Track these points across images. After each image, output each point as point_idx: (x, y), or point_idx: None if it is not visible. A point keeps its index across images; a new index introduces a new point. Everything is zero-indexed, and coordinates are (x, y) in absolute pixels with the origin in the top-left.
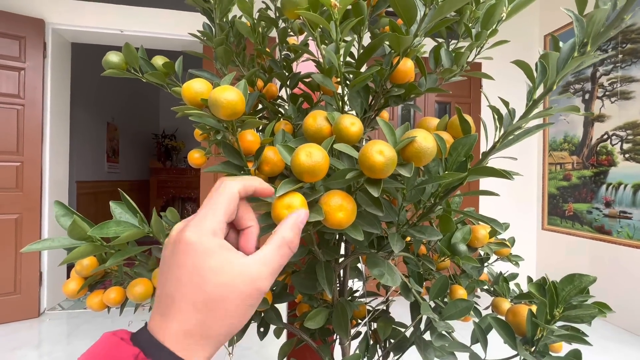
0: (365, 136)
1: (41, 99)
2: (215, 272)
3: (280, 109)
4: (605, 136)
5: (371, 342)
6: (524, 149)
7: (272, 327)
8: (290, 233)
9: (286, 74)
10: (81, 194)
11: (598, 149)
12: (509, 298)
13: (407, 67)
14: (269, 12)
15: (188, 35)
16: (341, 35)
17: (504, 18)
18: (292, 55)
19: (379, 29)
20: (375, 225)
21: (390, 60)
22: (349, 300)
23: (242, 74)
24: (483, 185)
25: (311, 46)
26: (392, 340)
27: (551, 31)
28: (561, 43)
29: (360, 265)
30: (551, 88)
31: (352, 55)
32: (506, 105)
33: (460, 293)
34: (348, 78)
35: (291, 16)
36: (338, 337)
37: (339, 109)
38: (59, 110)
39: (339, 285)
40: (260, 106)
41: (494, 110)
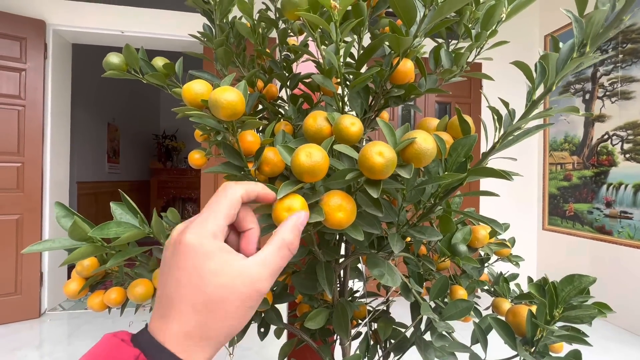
0: (365, 136)
1: (42, 99)
2: (215, 274)
3: (280, 110)
4: (606, 136)
5: (371, 343)
6: (524, 149)
7: (273, 328)
8: (290, 235)
9: (286, 75)
10: (82, 195)
11: (599, 149)
12: (509, 298)
13: (407, 68)
14: (269, 13)
15: (189, 36)
16: (341, 36)
17: (503, 19)
18: (292, 56)
19: (379, 30)
20: (375, 226)
21: (390, 61)
22: (350, 300)
23: (242, 74)
24: (483, 185)
25: (311, 47)
26: (393, 341)
27: (551, 31)
28: (561, 44)
29: (360, 266)
30: (550, 89)
31: (352, 56)
32: (506, 105)
33: (461, 293)
34: (348, 79)
35: (291, 17)
36: (338, 338)
37: (339, 110)
38: (59, 111)
39: (339, 285)
40: (260, 107)
41: (494, 111)
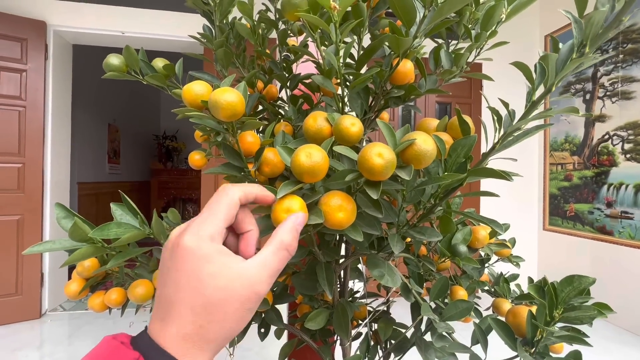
0: (365, 137)
1: (42, 100)
2: (213, 277)
3: (280, 110)
4: (607, 136)
5: (372, 343)
6: (524, 149)
7: (273, 328)
8: (288, 236)
9: (286, 76)
10: (82, 195)
11: (599, 149)
12: (509, 299)
13: (407, 69)
14: (269, 14)
15: (189, 37)
16: (341, 37)
17: (503, 19)
18: (292, 57)
19: (379, 30)
20: (375, 227)
21: (390, 61)
22: (350, 301)
23: (242, 75)
24: (484, 185)
25: (311, 47)
26: (393, 341)
27: (552, 32)
28: (560, 44)
29: (360, 266)
30: (550, 89)
31: (352, 56)
32: (506, 106)
33: (461, 294)
34: (348, 79)
35: (291, 18)
36: (339, 338)
37: (339, 110)
38: (60, 111)
39: (339, 286)
40: (260, 107)
41: (493, 111)
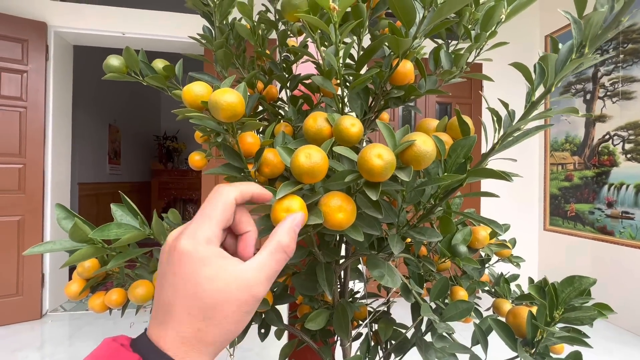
0: (365, 137)
1: (43, 101)
2: (210, 280)
3: (280, 111)
4: (607, 136)
5: (372, 344)
6: (525, 149)
7: (273, 329)
8: (286, 238)
9: (286, 76)
10: (83, 196)
11: (600, 149)
12: (510, 299)
13: (407, 69)
14: (269, 15)
15: (189, 38)
16: (340, 38)
17: (503, 19)
18: (292, 57)
19: (379, 31)
20: (375, 227)
21: (389, 62)
22: (350, 301)
23: (242, 76)
24: (484, 186)
25: (311, 47)
26: (393, 342)
27: (552, 32)
28: (560, 45)
29: (361, 267)
30: (550, 90)
31: (352, 57)
32: (505, 107)
33: (461, 294)
34: (348, 80)
35: (291, 19)
36: (339, 339)
37: (339, 111)
38: (61, 112)
39: (339, 286)
40: (260, 108)
41: (493, 112)
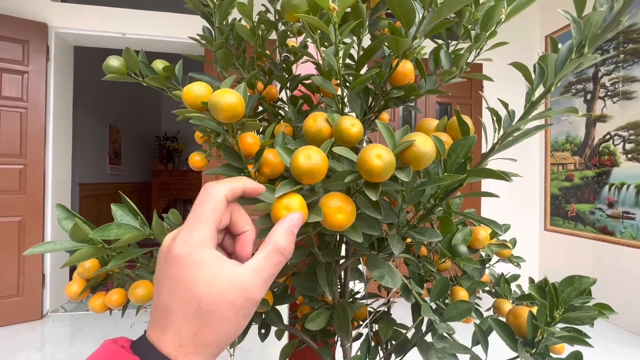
0: (365, 138)
1: (44, 102)
2: (206, 283)
3: (280, 111)
4: (608, 136)
5: (372, 344)
6: (525, 149)
7: (274, 329)
8: (282, 239)
9: (286, 76)
10: (83, 196)
11: (600, 149)
12: (510, 299)
13: (407, 69)
14: (269, 15)
15: (190, 38)
16: (340, 38)
17: (503, 19)
18: (292, 58)
19: (379, 31)
20: (375, 227)
21: (389, 62)
22: (350, 301)
23: (242, 76)
24: (485, 186)
25: (311, 48)
26: (394, 342)
27: (552, 32)
28: (560, 45)
29: (361, 267)
30: (549, 89)
31: (352, 57)
32: (505, 106)
33: (462, 294)
34: (348, 80)
35: (291, 19)
36: (339, 339)
37: (339, 111)
38: (61, 113)
39: (339, 286)
40: (260, 108)
41: (493, 112)
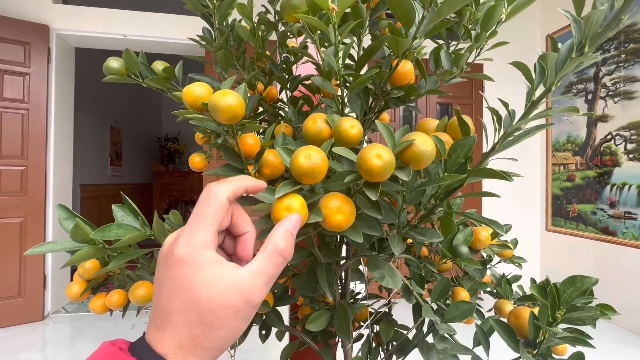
0: (365, 138)
1: (45, 103)
2: (207, 286)
3: (280, 112)
4: (609, 136)
5: (373, 345)
6: (526, 149)
7: (274, 330)
8: (282, 241)
9: (286, 77)
10: (85, 197)
11: (602, 149)
12: (512, 300)
13: (407, 69)
14: (268, 16)
15: (190, 39)
16: (340, 38)
17: (503, 19)
18: (292, 58)
19: (379, 31)
20: (375, 228)
21: (389, 62)
22: (351, 302)
23: (243, 77)
24: (486, 186)
25: (311, 48)
26: (395, 343)
27: (553, 32)
28: (560, 44)
29: (361, 268)
30: (550, 89)
31: (352, 57)
32: (506, 106)
33: (463, 295)
34: (348, 80)
35: (290, 20)
36: (340, 340)
37: (339, 112)
38: (63, 114)
39: (340, 287)
40: (260, 109)
41: (493, 111)
